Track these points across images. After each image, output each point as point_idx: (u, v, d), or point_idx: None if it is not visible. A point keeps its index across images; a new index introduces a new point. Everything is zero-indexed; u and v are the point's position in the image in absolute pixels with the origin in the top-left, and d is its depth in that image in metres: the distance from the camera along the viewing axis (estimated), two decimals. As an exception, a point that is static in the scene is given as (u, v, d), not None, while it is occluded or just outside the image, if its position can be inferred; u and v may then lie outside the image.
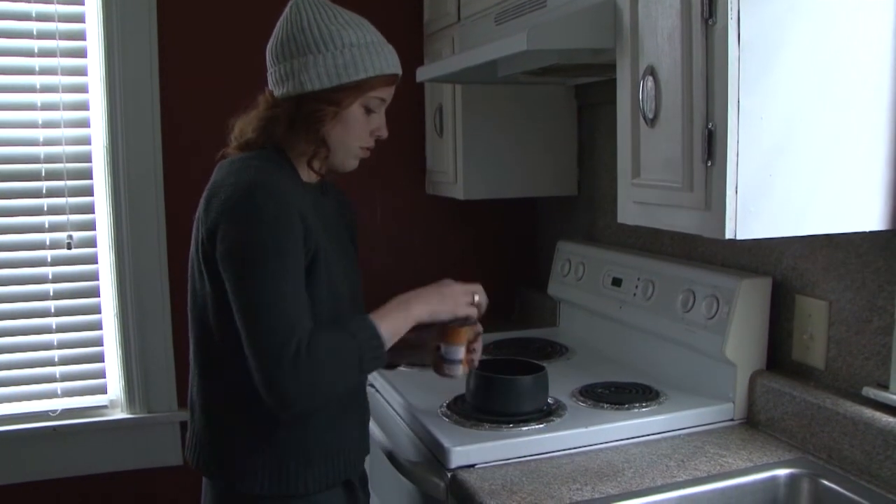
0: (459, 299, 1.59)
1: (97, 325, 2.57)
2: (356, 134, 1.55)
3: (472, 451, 1.63)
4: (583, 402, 1.87)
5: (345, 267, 1.60)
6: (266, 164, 1.48)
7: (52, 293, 2.51)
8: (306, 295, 1.42)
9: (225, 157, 1.58)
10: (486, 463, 1.62)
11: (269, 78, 1.56)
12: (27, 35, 2.42)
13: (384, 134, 1.59)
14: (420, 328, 1.58)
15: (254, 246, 1.38)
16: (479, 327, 1.69)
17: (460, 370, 1.69)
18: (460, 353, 1.67)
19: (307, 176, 1.58)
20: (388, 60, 1.53)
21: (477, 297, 1.62)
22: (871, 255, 1.58)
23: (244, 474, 1.49)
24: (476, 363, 1.74)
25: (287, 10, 1.54)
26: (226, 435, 1.52)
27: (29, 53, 2.42)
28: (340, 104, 1.50)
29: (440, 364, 1.69)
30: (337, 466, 1.55)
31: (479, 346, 1.72)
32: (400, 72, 1.57)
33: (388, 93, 1.56)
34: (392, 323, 1.49)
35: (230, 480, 1.51)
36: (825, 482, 1.51)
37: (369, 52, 1.50)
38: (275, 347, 1.34)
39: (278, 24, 1.55)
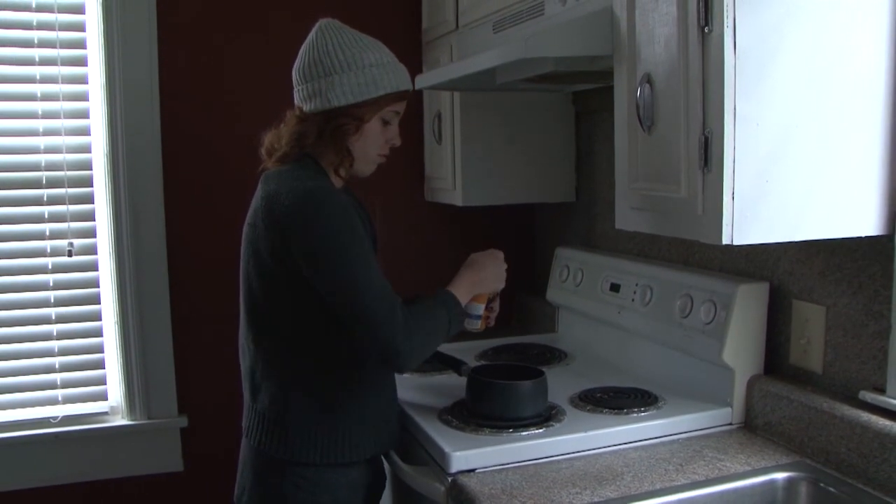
0: (503, 275, 1.87)
1: (98, 332, 2.58)
2: (375, 143, 1.75)
3: (472, 456, 1.64)
4: (582, 406, 1.88)
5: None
6: (310, 172, 1.68)
7: (52, 300, 2.52)
8: None
9: (265, 171, 1.76)
10: (486, 467, 1.63)
11: (297, 95, 1.74)
12: (28, 44, 2.43)
13: (398, 142, 1.80)
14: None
15: (336, 237, 1.58)
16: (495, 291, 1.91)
17: (479, 325, 1.88)
18: (481, 309, 1.86)
19: (336, 182, 1.75)
20: (402, 78, 1.74)
21: None
22: (868, 260, 1.59)
23: (307, 446, 1.67)
24: (492, 321, 1.93)
25: (313, 35, 1.72)
26: (297, 411, 1.69)
27: (30, 62, 2.44)
28: (363, 118, 1.70)
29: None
30: (383, 435, 1.78)
31: (496, 304, 1.93)
32: (412, 87, 1.78)
33: (402, 106, 1.77)
34: (464, 292, 1.77)
35: (292, 452, 1.68)
36: (823, 485, 1.52)
37: (386, 71, 1.70)
38: (385, 314, 1.57)
39: (304, 47, 1.73)
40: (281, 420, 1.69)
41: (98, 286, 2.57)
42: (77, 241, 2.53)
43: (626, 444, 1.73)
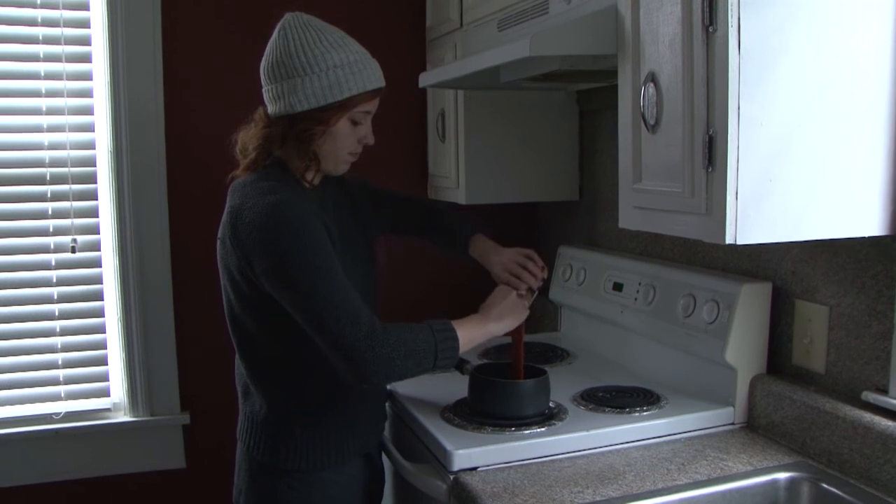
0: (521, 310, 1.79)
1: (101, 329, 2.59)
2: (344, 144, 1.68)
3: (475, 454, 1.64)
4: (584, 405, 1.88)
5: (360, 266, 1.75)
6: (275, 182, 1.62)
7: (56, 296, 2.53)
8: None
9: (234, 179, 1.72)
10: (489, 466, 1.63)
11: (264, 95, 1.68)
12: (33, 40, 2.44)
13: (371, 141, 1.72)
14: None
15: (299, 253, 1.52)
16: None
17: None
18: None
19: (308, 183, 1.70)
20: (370, 77, 1.64)
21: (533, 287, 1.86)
22: (871, 261, 1.59)
23: (292, 453, 1.67)
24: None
25: (276, 33, 1.65)
26: (282, 419, 1.68)
27: (34, 58, 2.44)
28: (328, 122, 1.62)
29: None
30: (370, 437, 1.80)
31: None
32: (383, 84, 1.68)
33: (372, 105, 1.68)
34: (468, 331, 1.66)
35: (281, 458, 1.68)
36: (825, 486, 1.52)
37: (352, 71, 1.61)
38: (350, 328, 1.49)
39: (268, 45, 1.66)
40: (266, 427, 1.69)
41: (101, 283, 2.58)
42: (80, 238, 2.54)
43: (628, 443, 1.73)
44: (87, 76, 2.50)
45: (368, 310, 1.54)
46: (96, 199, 2.55)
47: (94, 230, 2.56)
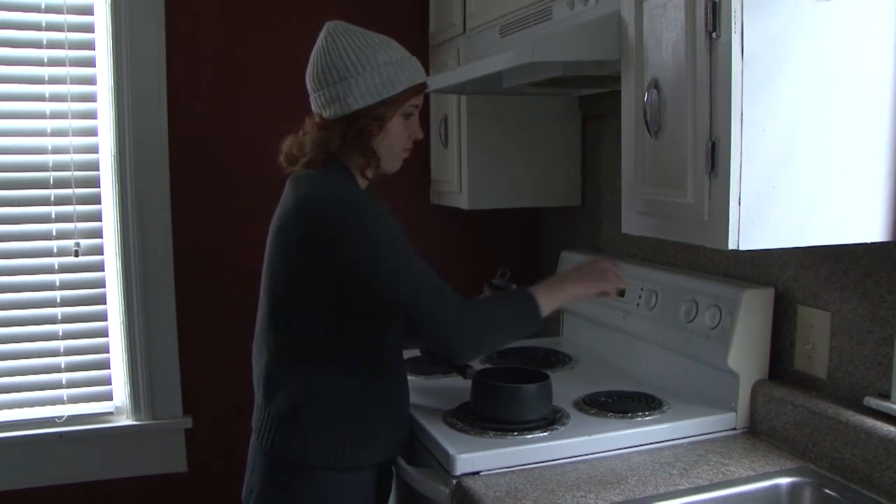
0: (609, 276, 1.83)
1: (104, 332, 2.59)
2: (398, 140, 1.75)
3: (477, 459, 1.64)
4: (586, 410, 1.88)
5: None
6: (340, 177, 1.70)
7: (59, 300, 2.53)
8: None
9: (292, 174, 1.75)
10: (491, 470, 1.63)
11: (314, 102, 1.72)
12: (37, 45, 2.44)
13: (420, 135, 1.80)
14: None
15: (387, 240, 1.61)
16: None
17: None
18: None
19: (362, 184, 1.76)
20: (417, 71, 1.73)
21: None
22: (873, 267, 1.59)
23: (323, 450, 1.67)
24: None
25: (322, 40, 1.70)
26: (310, 417, 1.68)
27: (38, 62, 2.45)
28: (384, 117, 1.69)
29: None
30: (397, 442, 1.79)
31: None
32: (427, 79, 1.78)
33: (420, 99, 1.77)
34: (548, 295, 1.73)
35: (306, 455, 1.68)
36: (827, 491, 1.52)
37: (401, 66, 1.69)
38: (438, 307, 1.61)
39: (315, 53, 1.71)
40: (297, 423, 1.68)
41: (104, 286, 2.58)
42: (84, 242, 2.54)
43: (630, 447, 1.73)
44: (90, 80, 2.51)
45: (451, 288, 1.64)
46: (100, 203, 2.56)
47: (98, 234, 2.56)
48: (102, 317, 2.59)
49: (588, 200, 2.68)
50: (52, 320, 2.53)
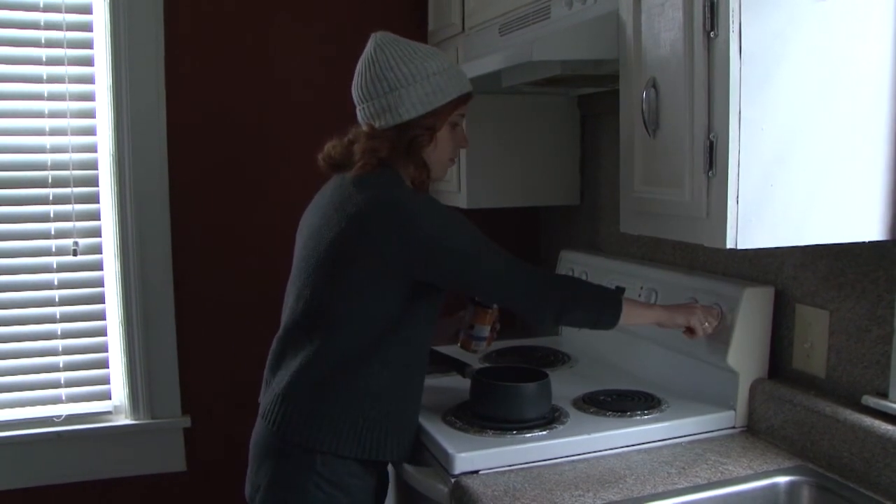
0: (696, 311, 1.84)
1: (102, 332, 2.59)
2: (446, 149, 1.77)
3: (476, 458, 1.64)
4: (585, 409, 1.88)
5: None
6: (402, 183, 1.71)
7: (57, 299, 2.53)
8: None
9: (342, 174, 1.74)
10: (490, 469, 1.63)
11: (362, 113, 1.73)
12: (36, 44, 2.44)
13: (467, 144, 1.83)
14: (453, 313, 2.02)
15: (465, 234, 1.67)
16: (496, 312, 2.00)
17: (484, 346, 2.02)
18: (487, 331, 1.99)
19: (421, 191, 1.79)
20: (464, 80, 1.75)
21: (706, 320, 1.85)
22: (871, 265, 1.59)
23: (347, 439, 1.65)
24: (492, 340, 2.04)
25: (370, 51, 1.71)
26: (335, 405, 1.66)
27: (37, 62, 2.45)
28: (435, 127, 1.71)
29: (467, 341, 2.01)
30: (407, 441, 1.76)
31: (497, 327, 2.02)
32: (472, 87, 1.78)
33: (466, 108, 1.79)
34: (633, 309, 1.80)
35: (333, 446, 1.65)
36: (825, 490, 1.52)
37: (449, 76, 1.71)
38: (538, 280, 1.72)
39: (363, 64, 1.72)
40: (318, 411, 1.65)
41: (103, 286, 2.58)
42: (82, 241, 2.54)
43: (628, 446, 1.74)
44: (89, 79, 2.51)
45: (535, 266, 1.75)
46: (98, 202, 2.56)
47: (96, 233, 2.56)
48: (101, 316, 2.58)
49: (587, 199, 2.68)
50: (50, 319, 2.53)
